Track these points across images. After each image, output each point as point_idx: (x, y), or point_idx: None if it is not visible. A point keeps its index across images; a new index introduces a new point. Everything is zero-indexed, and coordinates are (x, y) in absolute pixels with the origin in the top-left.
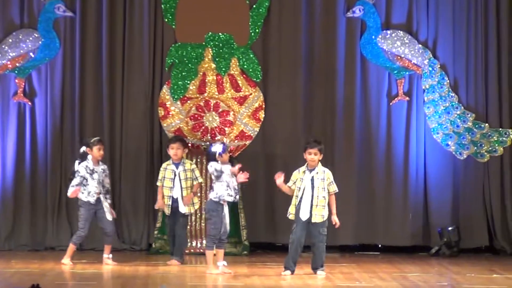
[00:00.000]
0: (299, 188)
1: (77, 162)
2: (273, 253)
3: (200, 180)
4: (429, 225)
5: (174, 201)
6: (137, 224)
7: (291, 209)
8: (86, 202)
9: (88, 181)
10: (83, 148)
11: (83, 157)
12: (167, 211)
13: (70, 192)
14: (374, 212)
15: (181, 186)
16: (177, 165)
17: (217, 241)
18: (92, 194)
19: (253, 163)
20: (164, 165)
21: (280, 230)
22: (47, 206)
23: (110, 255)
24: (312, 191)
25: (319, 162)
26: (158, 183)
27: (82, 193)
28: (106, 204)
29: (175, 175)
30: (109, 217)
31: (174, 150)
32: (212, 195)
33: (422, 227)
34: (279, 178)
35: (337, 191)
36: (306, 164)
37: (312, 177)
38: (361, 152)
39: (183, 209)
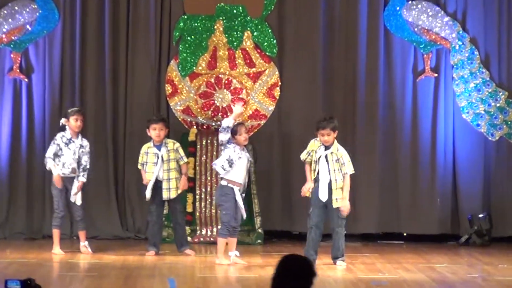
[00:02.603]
0: (315, 161)
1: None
2: (289, 242)
3: (186, 159)
4: (458, 212)
5: (159, 186)
6: (142, 210)
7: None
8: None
9: (63, 151)
10: (62, 120)
11: (63, 129)
12: (149, 195)
13: (49, 167)
14: (398, 198)
15: (163, 168)
16: (159, 147)
17: (231, 229)
18: (67, 166)
19: (268, 144)
20: (144, 148)
21: (297, 217)
22: (44, 191)
23: (86, 242)
24: (328, 173)
25: (335, 141)
26: (139, 167)
27: (57, 165)
28: (75, 187)
29: (157, 157)
30: (73, 199)
31: (156, 131)
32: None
33: (451, 214)
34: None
35: (351, 172)
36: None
37: (326, 155)
38: (384, 132)
39: (169, 195)
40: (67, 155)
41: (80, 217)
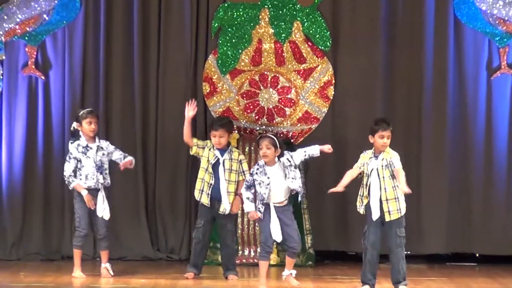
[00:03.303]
0: (367, 175)
1: (70, 142)
2: (344, 264)
3: (244, 177)
4: None
5: (215, 192)
6: (175, 228)
7: (360, 201)
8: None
9: (82, 162)
10: (74, 124)
11: (75, 135)
12: (206, 200)
13: (73, 187)
14: (470, 213)
15: (225, 178)
16: (221, 152)
17: (270, 250)
18: (91, 177)
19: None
20: (208, 142)
21: (353, 236)
22: (64, 204)
23: (108, 264)
24: (379, 183)
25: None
26: (192, 151)
27: (80, 179)
28: (102, 197)
29: (218, 163)
30: (101, 213)
31: (216, 138)
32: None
33: None
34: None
35: (398, 166)
36: (373, 149)
37: (377, 165)
38: (454, 138)
39: (224, 208)
40: (88, 166)
41: (103, 235)
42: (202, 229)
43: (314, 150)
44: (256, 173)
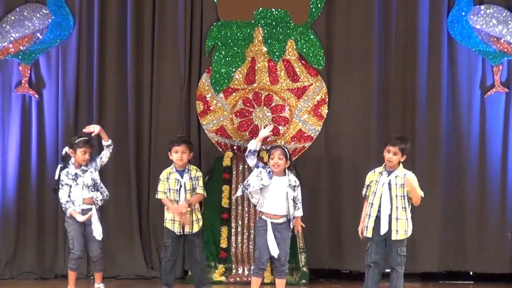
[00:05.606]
0: (374, 193)
1: (59, 167)
2: (338, 282)
3: (201, 191)
4: None
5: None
6: None
7: (366, 222)
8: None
9: (71, 189)
10: (66, 149)
11: (66, 159)
12: (178, 229)
13: (70, 213)
14: (463, 231)
15: (186, 198)
16: (181, 173)
17: (263, 266)
18: (78, 204)
19: (315, 170)
20: (164, 174)
21: (348, 254)
22: (57, 224)
23: (102, 285)
24: (390, 200)
25: (401, 164)
26: (160, 196)
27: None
28: (95, 216)
29: (180, 186)
30: (96, 234)
31: (178, 154)
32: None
33: None
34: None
35: (421, 194)
36: (383, 164)
37: (390, 181)
38: (448, 155)
39: (191, 228)
40: (76, 192)
41: (98, 257)
42: (170, 247)
43: (296, 214)
44: (264, 167)
